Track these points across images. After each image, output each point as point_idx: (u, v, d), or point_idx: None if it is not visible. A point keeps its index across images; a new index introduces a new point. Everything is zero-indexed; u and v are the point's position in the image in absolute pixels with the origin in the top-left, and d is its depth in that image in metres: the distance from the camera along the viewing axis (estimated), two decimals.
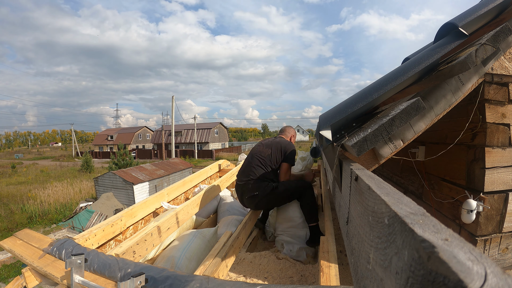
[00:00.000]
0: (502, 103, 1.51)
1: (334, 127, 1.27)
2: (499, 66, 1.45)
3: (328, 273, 1.30)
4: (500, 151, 1.52)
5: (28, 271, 1.46)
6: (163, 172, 16.38)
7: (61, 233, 12.07)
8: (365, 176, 0.59)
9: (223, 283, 1.06)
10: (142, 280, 1.10)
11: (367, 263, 0.43)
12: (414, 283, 0.25)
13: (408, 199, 0.40)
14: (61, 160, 45.25)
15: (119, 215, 2.08)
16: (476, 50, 1.09)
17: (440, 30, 1.51)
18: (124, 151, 20.34)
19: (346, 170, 0.87)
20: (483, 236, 1.58)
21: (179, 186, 3.17)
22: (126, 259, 1.31)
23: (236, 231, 1.99)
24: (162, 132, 28.53)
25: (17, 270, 9.32)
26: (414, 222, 0.29)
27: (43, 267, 1.39)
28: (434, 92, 1.24)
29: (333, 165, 1.08)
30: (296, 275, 1.89)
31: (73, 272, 1.22)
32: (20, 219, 14.24)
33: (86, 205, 14.24)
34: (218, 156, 35.33)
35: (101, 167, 30.59)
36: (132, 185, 13.97)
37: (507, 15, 1.43)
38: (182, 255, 1.82)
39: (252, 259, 2.11)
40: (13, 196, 17.71)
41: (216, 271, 1.45)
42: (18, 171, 30.07)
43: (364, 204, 0.51)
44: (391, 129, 0.98)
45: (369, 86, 1.45)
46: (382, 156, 1.17)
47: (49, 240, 1.61)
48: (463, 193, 1.63)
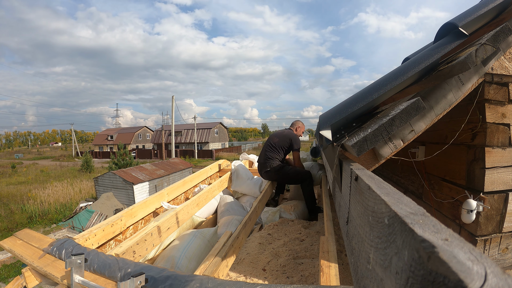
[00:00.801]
0: (502, 103, 1.51)
1: (334, 127, 1.27)
2: (499, 66, 1.45)
3: (328, 273, 1.30)
4: (500, 151, 1.52)
5: (28, 271, 1.46)
6: (163, 172, 16.38)
7: (61, 233, 12.07)
8: (365, 176, 0.59)
9: (223, 283, 1.06)
10: (142, 280, 1.10)
11: (367, 263, 0.43)
12: (414, 283, 0.25)
13: (408, 199, 0.40)
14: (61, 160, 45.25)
15: (119, 215, 2.08)
16: (476, 50, 1.09)
17: (440, 30, 1.51)
18: (124, 151, 20.33)
19: (346, 170, 0.87)
20: (483, 236, 1.58)
21: (179, 186, 3.17)
22: (126, 259, 1.31)
23: (236, 231, 1.99)
24: (162, 132, 28.54)
25: (17, 270, 9.32)
26: (414, 222, 0.29)
27: (43, 267, 1.39)
28: (434, 92, 1.24)
29: (333, 165, 1.08)
30: (296, 275, 1.90)
31: (73, 272, 1.22)
32: (20, 219, 14.25)
33: (86, 205, 14.25)
34: (218, 156, 35.34)
35: (101, 167, 30.60)
36: (132, 185, 13.97)
37: (507, 15, 1.43)
38: (182, 255, 1.82)
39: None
40: (13, 196, 17.71)
41: (216, 271, 1.45)
42: (18, 171, 30.07)
43: (364, 204, 0.51)
44: (391, 129, 0.98)
45: (369, 86, 1.45)
46: (382, 156, 1.17)
47: (49, 240, 1.61)
48: (463, 193, 1.63)
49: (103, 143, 56.29)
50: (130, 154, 20.82)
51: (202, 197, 2.69)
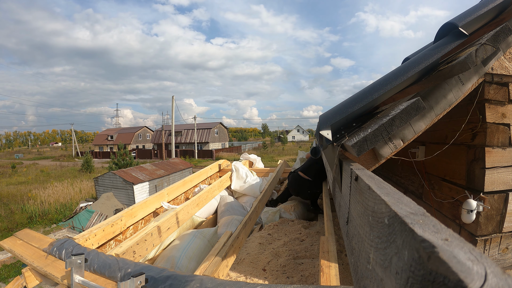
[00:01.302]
0: (502, 103, 1.51)
1: (334, 127, 1.27)
2: (499, 66, 1.45)
3: (328, 273, 1.30)
4: (500, 151, 1.52)
5: (28, 271, 1.46)
6: (163, 172, 16.37)
7: (61, 233, 12.07)
8: (365, 176, 0.59)
9: (223, 283, 1.06)
10: (142, 280, 1.10)
11: (367, 263, 0.43)
12: (414, 283, 0.25)
13: (408, 199, 0.40)
14: (61, 160, 45.25)
15: (119, 215, 2.08)
16: (476, 50, 1.09)
17: (440, 30, 1.51)
18: (124, 151, 20.33)
19: (346, 170, 0.87)
20: (483, 236, 1.58)
21: (179, 186, 3.17)
22: (126, 259, 1.31)
23: (236, 231, 1.99)
24: (162, 132, 28.54)
25: (17, 270, 9.32)
26: (414, 222, 0.29)
27: (43, 267, 1.39)
28: (434, 92, 1.24)
29: (333, 165, 1.08)
30: (296, 275, 1.90)
31: (73, 272, 1.22)
32: (20, 219, 14.25)
33: (86, 205, 14.24)
34: (218, 156, 35.33)
35: (101, 167, 30.60)
36: (132, 185, 13.96)
37: (507, 15, 1.43)
38: (182, 255, 1.82)
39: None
40: (13, 196, 17.71)
41: (216, 271, 1.45)
42: (18, 171, 30.07)
43: (364, 204, 0.51)
44: (391, 129, 0.98)
45: (369, 86, 1.45)
46: (382, 156, 1.17)
47: (49, 240, 1.61)
48: (463, 193, 1.63)
49: (103, 143, 56.29)
50: (130, 154, 20.82)
51: (202, 197, 2.69)
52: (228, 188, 3.94)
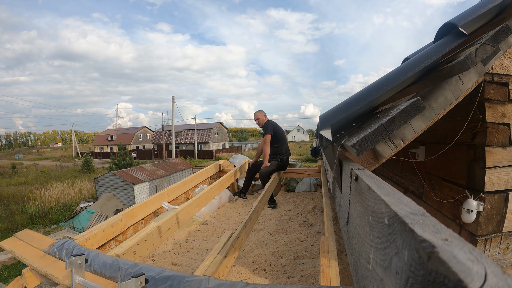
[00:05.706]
0: (502, 102, 1.51)
1: (334, 127, 1.27)
2: (499, 66, 1.45)
3: (328, 273, 1.30)
4: (500, 151, 1.52)
5: (28, 271, 1.46)
6: (164, 173, 16.37)
7: (61, 234, 12.08)
8: (365, 176, 0.59)
9: (223, 283, 1.06)
10: (143, 280, 1.10)
11: (367, 263, 0.43)
12: (414, 283, 0.25)
13: (408, 199, 0.40)
14: (61, 160, 45.25)
15: (119, 216, 2.08)
16: (476, 49, 1.09)
17: (440, 29, 1.51)
18: (125, 152, 20.34)
19: (346, 170, 0.87)
20: (484, 236, 1.57)
21: (180, 186, 3.17)
22: (126, 260, 1.31)
23: (236, 231, 1.98)
24: (162, 132, 28.54)
25: (18, 270, 9.32)
26: (414, 222, 0.29)
27: (43, 267, 1.39)
28: (434, 92, 1.24)
29: (333, 165, 1.08)
30: (296, 275, 1.90)
31: (73, 272, 1.22)
32: (21, 219, 14.25)
33: (87, 205, 14.25)
34: (219, 156, 35.31)
35: (101, 167, 30.60)
36: (132, 185, 13.97)
37: (507, 14, 1.43)
38: None
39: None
40: (13, 196, 17.71)
41: (216, 271, 1.45)
42: (18, 172, 30.07)
43: (364, 204, 0.51)
44: (391, 129, 0.98)
45: (369, 86, 1.45)
46: (382, 156, 1.17)
47: (50, 241, 1.61)
48: (463, 193, 1.63)
49: (103, 144, 56.30)
50: (130, 154, 20.83)
51: (203, 197, 2.69)
52: (228, 188, 3.94)
